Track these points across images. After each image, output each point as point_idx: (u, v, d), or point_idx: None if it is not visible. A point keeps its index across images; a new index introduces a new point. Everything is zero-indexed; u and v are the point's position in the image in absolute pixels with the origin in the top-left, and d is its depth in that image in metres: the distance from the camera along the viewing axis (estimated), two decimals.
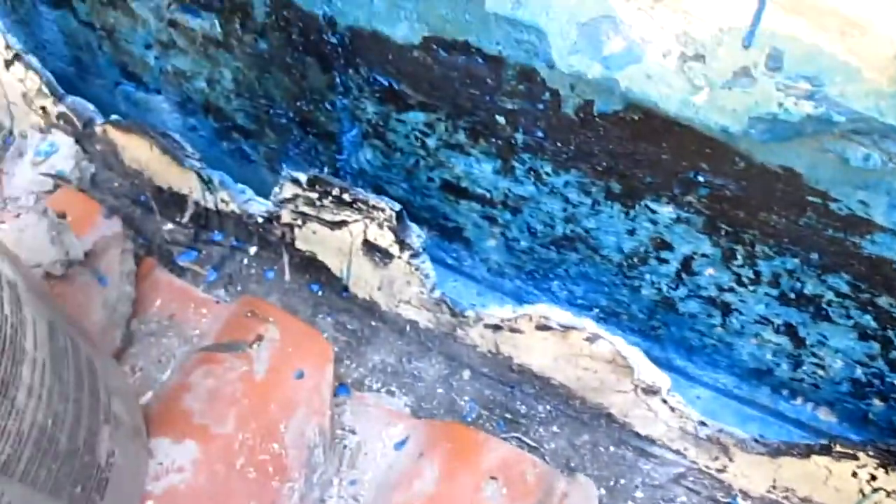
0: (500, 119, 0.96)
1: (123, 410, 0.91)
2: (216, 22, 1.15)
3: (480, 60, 0.91)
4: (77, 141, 1.41)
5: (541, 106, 0.91)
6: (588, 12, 0.73)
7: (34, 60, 1.34)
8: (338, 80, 1.09)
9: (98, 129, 1.35)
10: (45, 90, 1.36)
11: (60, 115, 1.39)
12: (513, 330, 1.09)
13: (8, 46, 1.35)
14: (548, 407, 1.15)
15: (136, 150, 1.31)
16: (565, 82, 0.87)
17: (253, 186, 1.27)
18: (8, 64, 1.38)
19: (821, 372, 1.04)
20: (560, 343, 1.05)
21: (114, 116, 1.32)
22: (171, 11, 1.21)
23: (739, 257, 0.94)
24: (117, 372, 0.97)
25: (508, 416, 1.15)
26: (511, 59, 0.88)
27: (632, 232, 1.01)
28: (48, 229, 1.15)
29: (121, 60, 1.41)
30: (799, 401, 1.12)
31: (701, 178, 0.87)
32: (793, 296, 0.95)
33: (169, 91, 1.40)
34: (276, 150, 1.35)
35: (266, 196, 1.26)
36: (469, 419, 1.14)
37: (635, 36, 0.72)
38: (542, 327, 1.05)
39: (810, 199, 0.82)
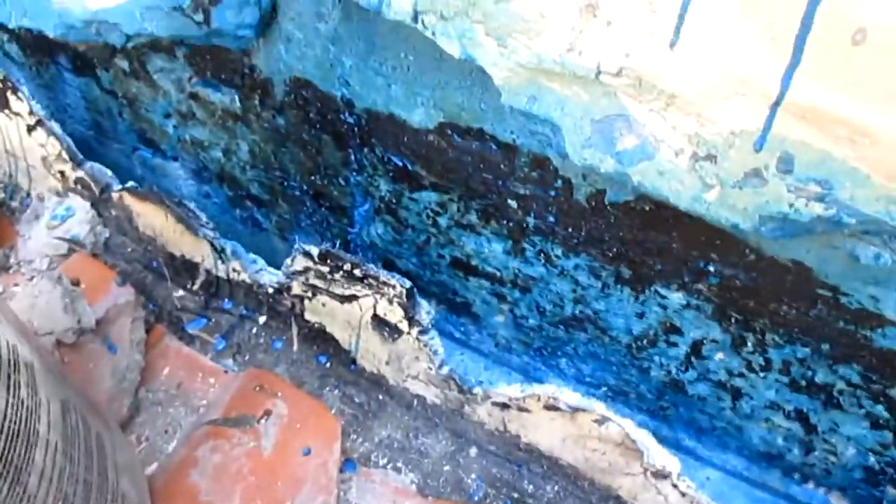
0: (512, 203, 0.98)
1: (131, 487, 0.90)
2: (236, 97, 1.18)
3: (494, 147, 0.93)
4: (93, 206, 1.43)
5: (553, 192, 0.93)
6: (602, 110, 0.75)
7: (56, 127, 1.37)
8: (353, 157, 1.12)
9: (115, 195, 1.37)
10: (65, 155, 1.39)
11: (78, 180, 1.42)
12: (521, 409, 1.08)
13: (31, 112, 1.38)
14: (556, 487, 1.13)
15: (151, 217, 1.33)
16: (578, 172, 0.88)
17: (263, 254, 1.28)
18: (30, 129, 1.41)
19: (833, 458, 1.03)
20: (569, 424, 1.05)
21: (130, 183, 1.34)
22: (193, 85, 1.24)
23: (750, 344, 0.95)
24: (125, 446, 0.97)
25: (516, 495, 1.13)
26: (525, 147, 0.90)
27: (641, 315, 1.01)
28: (62, 297, 1.16)
29: (140, 127, 1.44)
30: (811, 485, 1.11)
31: (711, 268, 0.88)
32: (804, 383, 0.95)
33: (185, 159, 1.43)
34: (288, 220, 1.36)
35: (276, 263, 1.28)
36: (476, 498, 1.13)
37: (648, 134, 0.74)
38: (551, 407, 1.05)
39: (820, 292, 0.83)
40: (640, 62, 0.69)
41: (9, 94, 1.39)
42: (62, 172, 1.43)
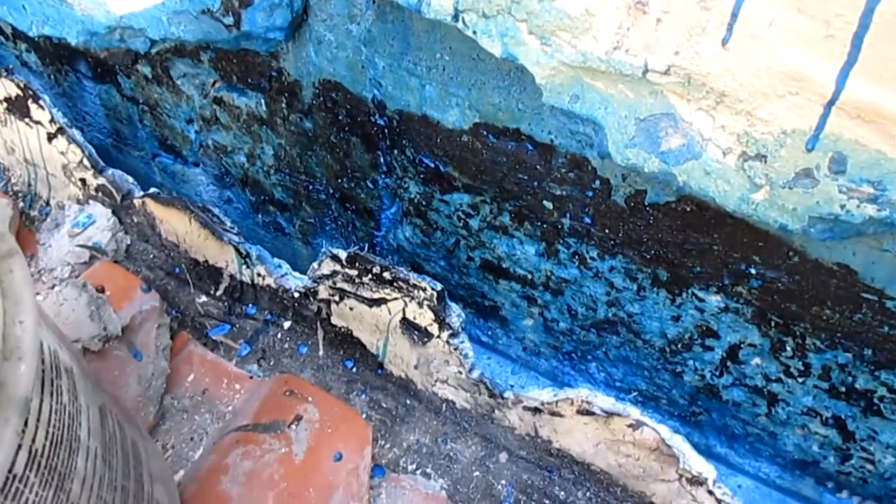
0: (548, 204, 0.97)
1: (164, 495, 0.89)
2: (262, 101, 1.17)
3: (531, 147, 0.92)
4: (114, 213, 1.42)
5: (590, 193, 0.92)
6: (647, 109, 0.74)
7: (77, 134, 1.37)
8: (382, 159, 1.11)
9: (137, 202, 1.36)
10: (87, 163, 1.38)
11: (99, 188, 1.41)
12: (553, 413, 1.07)
13: (53, 120, 1.37)
14: (588, 493, 1.12)
15: (174, 223, 1.32)
16: (617, 172, 0.87)
17: (285, 258, 1.27)
18: (51, 137, 1.40)
19: (870, 466, 1.02)
20: (602, 429, 1.04)
21: (153, 190, 1.33)
22: (217, 90, 1.24)
23: (789, 349, 0.93)
24: (158, 454, 0.95)
25: (547, 501, 1.12)
26: (563, 147, 0.89)
27: (677, 318, 1.00)
28: (87, 304, 1.15)
29: (161, 134, 1.43)
30: (845, 494, 1.10)
31: (752, 270, 0.87)
32: (843, 389, 0.94)
33: (207, 164, 1.42)
34: (312, 224, 1.35)
35: (298, 267, 1.27)
36: None
37: (695, 133, 0.73)
38: (584, 412, 1.04)
39: (865, 296, 0.82)
40: (689, 60, 0.68)
41: (30, 102, 1.38)
42: (83, 180, 1.42)
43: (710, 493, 1.01)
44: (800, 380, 0.97)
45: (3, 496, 0.54)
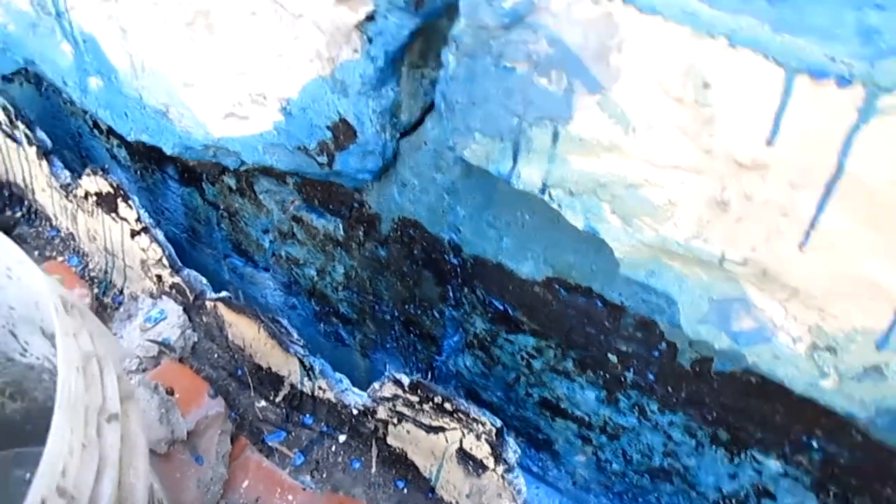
0: (612, 357, 1.01)
1: None
2: (340, 226, 1.24)
3: (600, 304, 0.97)
4: (185, 311, 1.49)
5: (655, 353, 0.95)
6: (721, 293, 0.79)
7: (160, 235, 1.45)
8: (451, 293, 1.16)
9: (208, 304, 1.42)
10: (165, 262, 1.45)
11: (174, 286, 1.48)
12: None
13: (139, 220, 1.46)
14: None
15: (243, 328, 1.38)
16: (685, 338, 0.91)
17: (343, 368, 1.32)
18: (134, 233, 1.49)
19: None
20: None
21: (224, 293, 1.39)
22: (297, 209, 1.31)
23: None
24: None
25: None
26: (632, 309, 0.94)
27: (733, 476, 1.02)
28: (158, 407, 1.20)
29: (236, 238, 1.51)
30: None
31: (814, 443, 0.89)
32: None
33: (277, 271, 1.49)
34: (373, 340, 1.40)
35: (355, 378, 1.31)
36: None
37: (766, 319, 0.77)
38: None
39: None
40: (766, 256, 0.73)
41: (119, 200, 1.47)
42: (159, 276, 1.50)
43: None
44: None
45: None
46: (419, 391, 1.14)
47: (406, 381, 1.15)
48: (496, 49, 0.78)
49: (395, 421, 1.22)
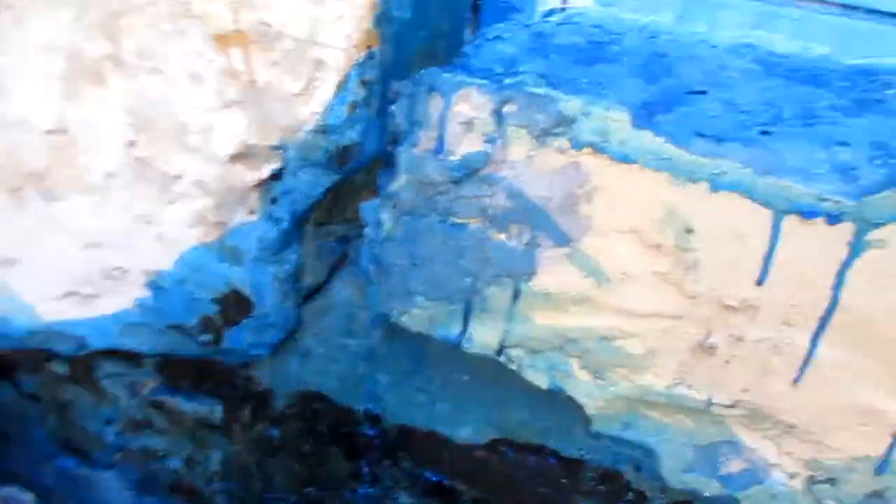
0: None
1: None
2: (218, 408, 1.06)
3: (554, 461, 0.88)
4: None
5: None
6: (708, 437, 0.74)
7: None
8: (366, 469, 1.01)
9: None
10: None
11: None
12: None
13: None
14: None
15: None
16: (654, 486, 0.85)
17: None
18: None
19: None
20: None
21: None
22: (155, 392, 1.10)
23: None
24: None
25: None
26: (592, 462, 0.86)
27: None
28: None
29: (66, 435, 1.24)
30: None
31: None
32: None
33: (125, 468, 1.23)
34: None
35: None
36: None
37: (758, 459, 0.73)
38: None
39: None
40: (758, 396, 0.69)
41: None
42: None
43: None
44: None
45: None
46: None
47: None
48: (443, 205, 0.69)
49: None
